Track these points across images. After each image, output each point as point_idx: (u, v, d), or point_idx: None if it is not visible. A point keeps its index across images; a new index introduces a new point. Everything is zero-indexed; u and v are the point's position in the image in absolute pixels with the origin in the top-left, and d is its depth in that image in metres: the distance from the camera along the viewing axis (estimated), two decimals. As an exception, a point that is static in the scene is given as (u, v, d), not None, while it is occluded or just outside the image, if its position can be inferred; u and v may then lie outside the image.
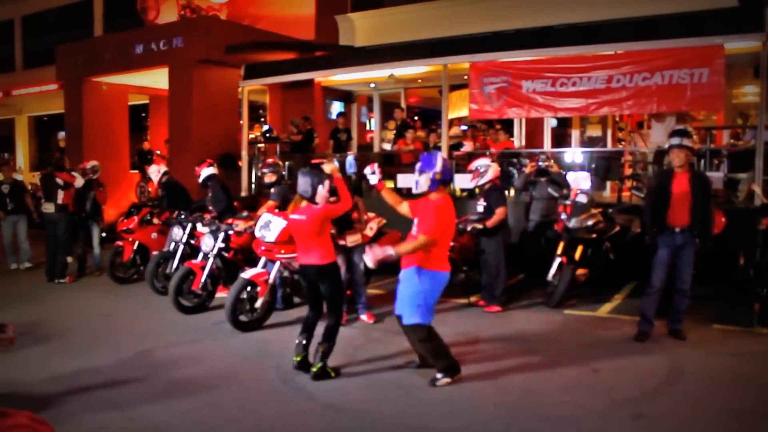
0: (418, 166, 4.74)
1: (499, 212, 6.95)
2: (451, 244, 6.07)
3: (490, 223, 6.94)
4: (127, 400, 4.48)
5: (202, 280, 6.96)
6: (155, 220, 9.09)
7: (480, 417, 4.16)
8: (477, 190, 7.72)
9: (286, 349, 5.34)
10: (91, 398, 4.54)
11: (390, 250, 4.41)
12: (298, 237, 5.05)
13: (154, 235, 8.91)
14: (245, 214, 7.60)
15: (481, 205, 7.16)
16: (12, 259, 10.15)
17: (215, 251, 7.12)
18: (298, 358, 5.01)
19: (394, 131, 12.26)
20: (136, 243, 8.85)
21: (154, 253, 8.52)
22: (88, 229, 9.56)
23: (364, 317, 6.65)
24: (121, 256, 8.87)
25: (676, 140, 5.65)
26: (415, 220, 4.74)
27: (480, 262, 7.30)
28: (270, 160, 8.35)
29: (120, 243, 8.94)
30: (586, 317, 6.78)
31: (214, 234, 7.19)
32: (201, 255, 7.24)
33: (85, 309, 7.50)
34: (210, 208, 8.16)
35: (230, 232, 7.28)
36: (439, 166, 4.64)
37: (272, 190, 7.62)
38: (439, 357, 4.74)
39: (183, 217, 8.06)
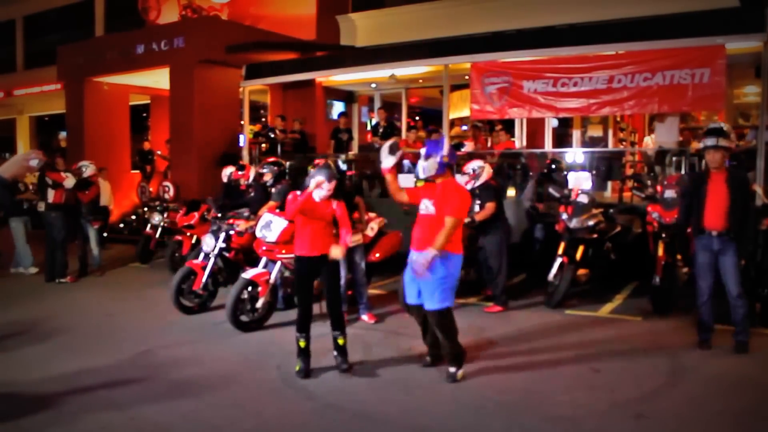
0: (423, 151, 4.75)
1: (488, 207, 6.98)
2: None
3: (478, 216, 6.94)
4: (128, 400, 4.48)
5: (203, 280, 6.96)
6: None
7: (481, 417, 4.16)
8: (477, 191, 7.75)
9: (287, 349, 5.34)
10: (91, 398, 4.54)
11: (431, 253, 4.44)
12: None
13: None
14: (246, 214, 7.60)
15: (477, 205, 7.19)
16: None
17: (216, 251, 7.11)
18: None
19: (381, 130, 12.18)
20: (194, 237, 9.15)
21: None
22: (83, 228, 9.57)
23: (365, 317, 6.64)
24: (180, 250, 9.23)
25: (711, 141, 5.30)
26: (426, 204, 4.71)
27: (479, 259, 7.29)
28: (271, 159, 8.36)
29: (180, 237, 9.36)
30: (587, 317, 6.78)
31: (215, 234, 7.19)
32: (202, 255, 7.24)
33: (86, 309, 7.51)
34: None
35: (231, 232, 7.28)
36: (446, 149, 4.70)
37: (273, 189, 7.62)
38: (455, 341, 4.77)
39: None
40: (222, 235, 7.18)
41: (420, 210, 4.79)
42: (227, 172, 9.63)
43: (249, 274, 6.29)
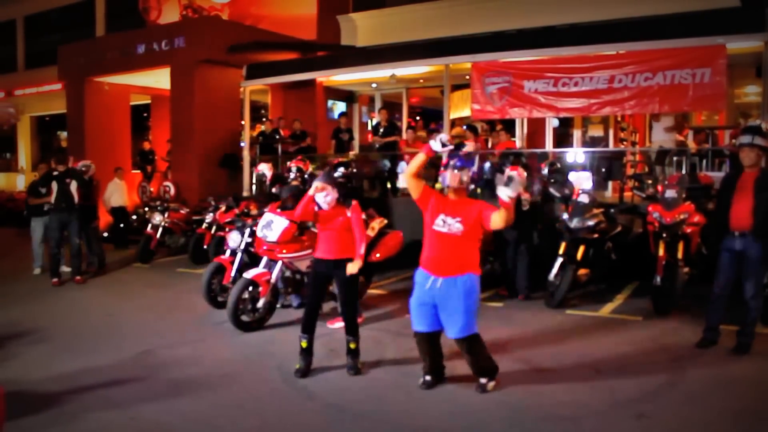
0: (454, 162, 4.39)
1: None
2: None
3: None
4: (129, 400, 4.48)
5: (232, 274, 6.99)
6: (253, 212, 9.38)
7: (481, 417, 4.16)
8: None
9: (288, 349, 5.35)
10: (92, 398, 4.54)
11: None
12: None
13: None
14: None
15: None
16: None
17: (243, 246, 7.14)
18: None
19: (382, 129, 12.13)
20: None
21: None
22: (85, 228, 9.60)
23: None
24: (223, 246, 9.19)
25: (747, 138, 5.19)
26: (446, 221, 4.34)
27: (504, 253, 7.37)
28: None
29: (223, 233, 9.26)
30: (588, 317, 6.77)
31: (241, 230, 7.24)
32: (228, 251, 7.29)
33: (87, 309, 7.51)
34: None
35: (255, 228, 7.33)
36: (476, 166, 4.63)
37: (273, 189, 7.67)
38: (490, 358, 4.62)
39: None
40: (247, 231, 7.21)
41: (435, 226, 4.35)
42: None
43: (250, 274, 6.30)
